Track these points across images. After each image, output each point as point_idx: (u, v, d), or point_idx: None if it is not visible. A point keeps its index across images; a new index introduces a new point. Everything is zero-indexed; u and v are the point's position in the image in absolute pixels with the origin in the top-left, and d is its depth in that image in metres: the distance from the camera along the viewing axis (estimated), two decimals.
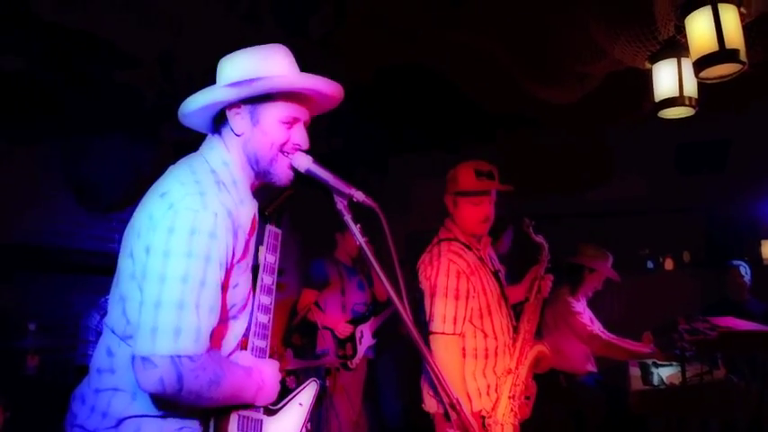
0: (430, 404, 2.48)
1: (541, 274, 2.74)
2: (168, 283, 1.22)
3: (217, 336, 1.36)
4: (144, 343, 1.20)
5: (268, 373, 1.48)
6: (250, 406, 1.45)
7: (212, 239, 1.27)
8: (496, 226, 2.71)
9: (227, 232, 1.31)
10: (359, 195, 1.42)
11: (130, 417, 1.31)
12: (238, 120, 1.42)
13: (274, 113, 1.43)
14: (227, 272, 1.35)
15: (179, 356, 1.20)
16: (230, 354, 1.46)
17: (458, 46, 3.32)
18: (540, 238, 2.76)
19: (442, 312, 2.36)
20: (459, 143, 5.33)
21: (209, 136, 1.50)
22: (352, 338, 3.99)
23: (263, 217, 1.61)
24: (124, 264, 1.34)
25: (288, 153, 1.47)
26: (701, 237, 5.48)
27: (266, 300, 1.55)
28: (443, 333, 2.35)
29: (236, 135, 1.43)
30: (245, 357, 1.48)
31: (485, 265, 2.57)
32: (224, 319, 1.38)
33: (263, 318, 1.54)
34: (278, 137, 1.44)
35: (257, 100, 1.41)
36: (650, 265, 5.63)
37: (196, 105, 1.40)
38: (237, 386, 1.37)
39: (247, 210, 1.44)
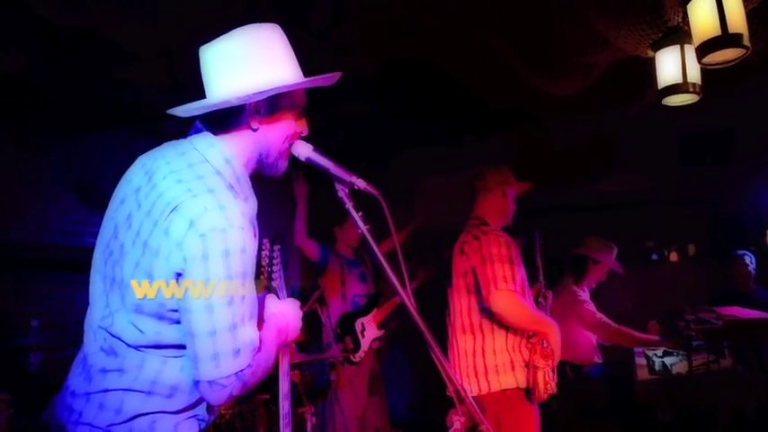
0: (507, 380, 2.59)
1: (543, 290, 3.03)
2: (217, 311, 1.23)
3: None
4: (208, 370, 1.25)
5: (289, 314, 1.55)
6: None
7: (244, 254, 1.26)
8: None
9: (252, 241, 1.31)
10: (360, 183, 1.42)
11: (145, 414, 1.30)
12: (258, 117, 1.39)
13: (291, 109, 1.43)
14: None
15: (242, 370, 1.28)
16: None
17: (459, 39, 3.30)
18: (540, 261, 3.04)
19: (502, 274, 2.54)
20: (462, 138, 5.32)
21: (204, 133, 1.42)
22: (351, 332, 3.96)
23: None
24: (137, 275, 1.27)
25: (291, 143, 1.46)
26: (706, 228, 5.45)
27: None
28: (508, 289, 2.51)
29: (253, 130, 1.40)
30: (270, 302, 1.55)
31: None
32: None
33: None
34: (291, 129, 1.44)
35: (278, 97, 1.39)
36: (655, 257, 5.60)
37: (217, 106, 1.36)
38: (276, 347, 1.45)
39: (252, 205, 1.42)
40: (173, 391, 1.32)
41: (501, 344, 2.62)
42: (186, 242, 1.22)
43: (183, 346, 1.32)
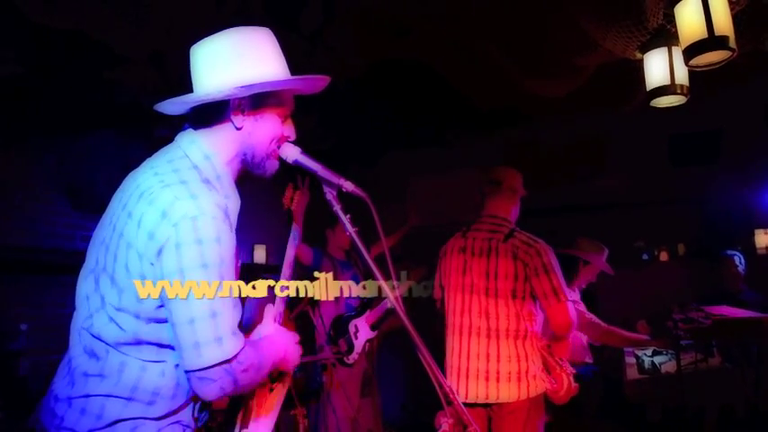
0: (540, 385, 2.64)
1: None
2: (193, 298, 1.24)
3: None
4: (192, 359, 1.25)
5: (288, 341, 1.57)
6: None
7: (219, 244, 1.27)
8: None
9: (229, 233, 1.31)
10: (348, 185, 1.42)
11: (125, 419, 1.30)
12: (241, 115, 1.40)
13: (277, 109, 1.43)
14: None
15: (229, 362, 1.27)
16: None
17: (449, 41, 3.31)
18: None
19: (563, 284, 2.61)
20: (452, 139, 5.32)
21: (188, 130, 1.44)
22: (345, 334, 3.96)
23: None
24: (117, 270, 1.29)
25: (278, 145, 1.46)
26: (696, 228, 5.49)
27: None
28: (569, 300, 2.60)
29: (237, 128, 1.41)
30: (266, 327, 1.57)
31: None
32: None
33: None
34: (277, 131, 1.45)
35: (262, 96, 1.40)
36: (645, 256, 5.64)
37: (200, 100, 1.37)
38: (271, 364, 1.45)
39: (233, 204, 1.42)
40: (153, 397, 1.33)
41: (536, 349, 2.67)
42: (159, 233, 1.24)
43: (162, 346, 1.32)
